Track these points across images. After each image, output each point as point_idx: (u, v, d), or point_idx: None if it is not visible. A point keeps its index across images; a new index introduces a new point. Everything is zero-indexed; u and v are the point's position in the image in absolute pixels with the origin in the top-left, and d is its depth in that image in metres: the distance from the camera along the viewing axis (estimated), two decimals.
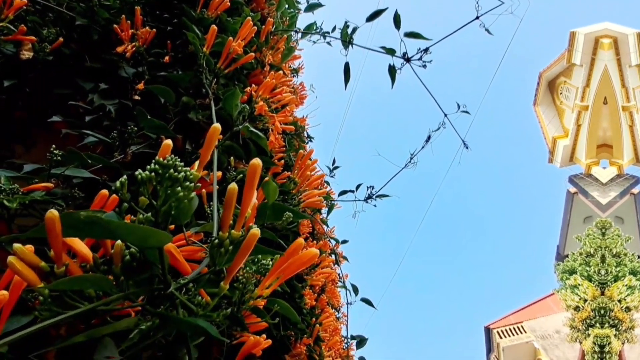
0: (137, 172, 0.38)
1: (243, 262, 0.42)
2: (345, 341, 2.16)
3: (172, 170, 0.39)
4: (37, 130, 1.21)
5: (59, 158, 0.81)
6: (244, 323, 0.46)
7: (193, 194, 0.39)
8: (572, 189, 15.21)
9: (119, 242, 0.40)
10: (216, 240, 0.42)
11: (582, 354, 10.39)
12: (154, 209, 0.39)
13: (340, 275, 2.63)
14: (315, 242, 2.18)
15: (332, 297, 2.39)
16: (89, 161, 0.80)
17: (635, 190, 14.93)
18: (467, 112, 2.13)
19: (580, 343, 9.88)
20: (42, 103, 1.18)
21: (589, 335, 9.32)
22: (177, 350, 0.67)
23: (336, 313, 2.50)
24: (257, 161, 0.43)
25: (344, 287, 2.29)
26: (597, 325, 9.19)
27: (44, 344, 0.68)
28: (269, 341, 0.92)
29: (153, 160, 0.41)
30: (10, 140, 1.19)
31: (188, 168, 0.42)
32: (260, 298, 0.52)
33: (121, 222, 0.34)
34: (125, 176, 0.39)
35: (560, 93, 16.36)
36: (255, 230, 0.40)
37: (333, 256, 2.47)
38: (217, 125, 0.46)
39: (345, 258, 2.47)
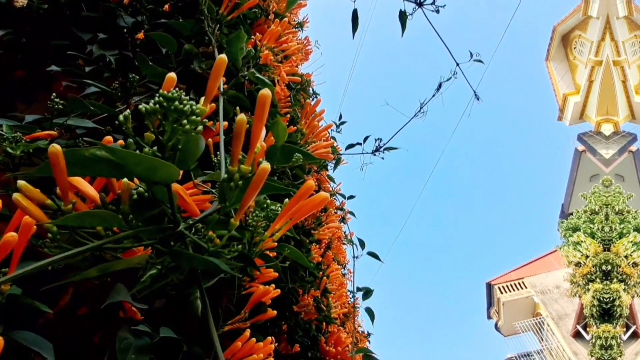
0: (141, 106, 0.36)
1: (253, 198, 0.41)
2: (352, 294, 2.21)
3: (177, 103, 0.36)
4: (37, 87, 1.18)
5: (60, 107, 0.79)
6: (255, 262, 0.45)
7: (200, 128, 0.38)
8: (581, 147, 15.02)
9: (125, 180, 0.39)
10: (226, 175, 0.40)
11: (581, 307, 10.69)
12: (160, 145, 0.38)
13: (347, 232, 2.65)
14: None
15: (338, 254, 2.43)
16: (92, 109, 0.78)
17: (633, 148, 14.72)
18: (480, 61, 2.05)
19: (580, 297, 10.13)
20: (41, 57, 1.15)
21: (588, 289, 9.53)
22: (189, 295, 0.68)
23: (342, 269, 2.54)
24: (266, 91, 0.41)
25: (351, 242, 2.32)
26: (597, 280, 9.37)
27: (57, 291, 0.68)
28: (278, 290, 0.93)
29: (157, 94, 0.39)
30: (11, 97, 1.17)
31: (193, 102, 0.39)
32: (270, 242, 0.51)
33: (128, 152, 0.33)
34: (128, 110, 0.37)
35: (574, 48, 15.80)
36: (266, 165, 0.39)
37: (340, 212, 2.48)
38: (223, 57, 0.43)
39: (352, 214, 2.48)
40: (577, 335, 12.29)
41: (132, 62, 1.16)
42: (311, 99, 2.54)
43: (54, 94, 0.80)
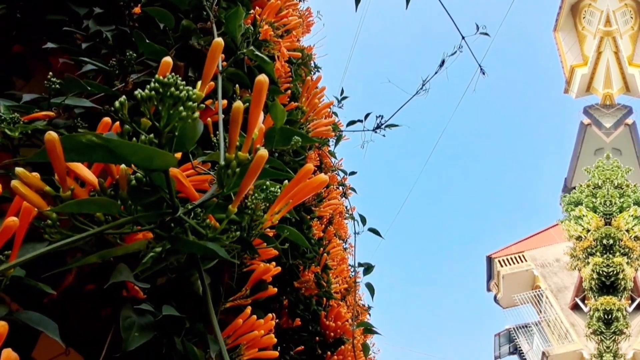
0: (136, 92, 0.36)
1: (251, 184, 0.41)
2: (353, 269, 2.24)
3: (173, 89, 0.36)
4: (35, 62, 1.16)
5: (57, 86, 0.78)
6: (254, 247, 0.46)
7: (196, 114, 0.37)
8: (586, 121, 14.82)
9: (123, 166, 0.39)
10: (223, 162, 0.40)
11: (580, 280, 10.83)
12: (157, 131, 0.37)
13: (348, 207, 2.67)
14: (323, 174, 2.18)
15: (339, 229, 2.45)
16: (89, 89, 0.77)
17: (629, 121, 14.49)
18: (486, 34, 2.00)
19: (579, 271, 10.25)
20: (37, 32, 1.13)
21: (588, 263, 9.63)
22: (190, 275, 0.69)
23: (343, 244, 2.57)
24: (263, 77, 0.40)
25: (352, 218, 2.33)
26: (598, 254, 9.46)
27: (60, 272, 0.70)
28: (279, 268, 0.95)
29: (153, 79, 0.38)
30: (9, 73, 1.15)
31: (190, 87, 0.39)
32: (269, 224, 0.51)
33: (123, 141, 0.33)
34: (124, 96, 0.37)
35: (583, 17, 15.36)
36: (263, 152, 0.39)
37: (341, 188, 2.49)
38: (219, 40, 0.43)
39: (353, 190, 2.48)
40: (575, 307, 12.52)
41: (129, 37, 1.13)
42: (312, 73, 2.50)
43: (51, 73, 0.79)
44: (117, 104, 0.36)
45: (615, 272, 8.98)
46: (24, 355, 0.76)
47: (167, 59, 0.43)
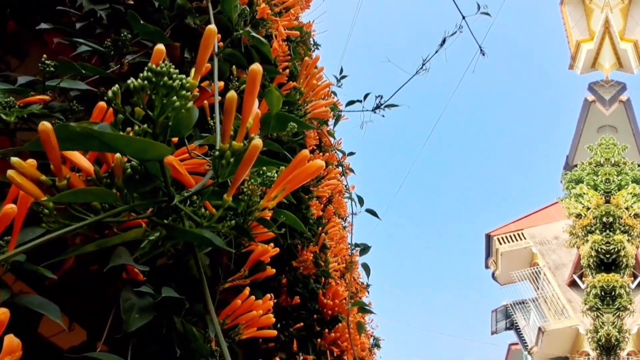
0: (129, 81, 0.36)
1: (246, 173, 0.41)
2: (352, 248, 2.27)
3: (166, 78, 0.36)
4: (30, 40, 1.15)
5: (51, 69, 0.78)
6: (250, 233, 0.46)
7: (190, 103, 0.37)
8: (590, 97, 14.63)
9: (118, 155, 0.39)
10: (217, 152, 0.40)
11: (578, 257, 10.95)
12: (150, 121, 0.38)
13: (347, 186, 2.68)
14: (322, 154, 2.18)
15: (339, 207, 2.46)
16: (83, 71, 0.76)
17: (623, 98, 14.26)
18: (487, 14, 1.96)
19: (578, 248, 10.34)
20: (31, 11, 1.11)
21: (587, 240, 9.71)
22: (189, 259, 0.70)
23: (342, 222, 2.59)
24: (256, 66, 0.40)
25: (350, 198, 2.35)
26: (597, 231, 9.52)
27: (60, 254, 0.71)
28: (277, 249, 0.96)
29: (146, 68, 0.38)
30: (3, 53, 1.14)
31: (184, 75, 0.39)
32: (266, 209, 0.52)
33: (116, 134, 0.33)
34: (117, 85, 0.37)
35: None
36: (257, 141, 0.39)
37: (340, 168, 2.49)
38: (212, 27, 0.42)
39: (351, 170, 2.49)
40: (572, 284, 12.71)
41: (124, 17, 1.11)
42: (312, 50, 2.46)
43: (45, 55, 0.78)
44: (110, 93, 0.36)
45: (616, 249, 9.06)
46: (30, 332, 0.79)
47: (160, 47, 0.43)
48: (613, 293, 8.91)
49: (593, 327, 9.31)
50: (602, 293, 9.13)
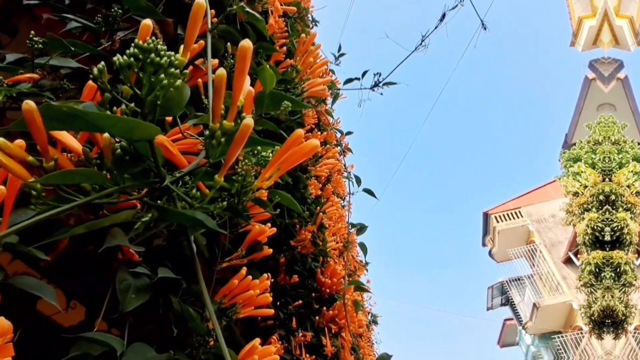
0: (115, 58, 0.34)
1: (237, 153, 0.40)
2: (350, 228, 2.28)
3: (153, 55, 0.34)
4: (20, 15, 1.11)
5: (40, 46, 0.75)
6: (243, 214, 0.46)
7: (179, 81, 0.36)
8: (591, 75, 14.46)
9: (106, 135, 0.38)
10: (207, 132, 0.39)
11: (574, 235, 11.06)
12: (139, 100, 0.36)
13: (346, 166, 2.67)
14: (320, 133, 2.17)
15: (337, 187, 2.46)
16: (72, 49, 0.74)
17: (621, 75, 14.08)
18: None
19: (574, 226, 10.44)
20: None
21: (583, 218, 9.79)
22: (184, 240, 0.70)
23: (341, 202, 2.59)
24: (246, 42, 0.39)
25: (348, 177, 2.34)
26: (593, 209, 9.58)
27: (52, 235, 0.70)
28: (274, 229, 0.96)
29: (132, 44, 0.36)
30: None
31: (172, 52, 0.37)
32: (261, 189, 0.51)
33: (102, 114, 0.32)
34: (103, 62, 0.35)
35: None
36: (248, 120, 0.38)
37: (338, 147, 2.47)
38: (200, 1, 0.40)
39: (349, 150, 2.47)
40: (567, 261, 12.87)
41: None
42: (310, 27, 2.41)
43: (33, 32, 0.75)
44: (95, 71, 0.34)
45: (619, 227, 9.14)
46: (28, 309, 0.79)
47: (147, 22, 0.41)
48: (618, 270, 9.04)
49: (586, 303, 9.49)
50: (597, 270, 9.26)
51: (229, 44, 1.01)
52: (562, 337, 11.83)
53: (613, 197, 9.33)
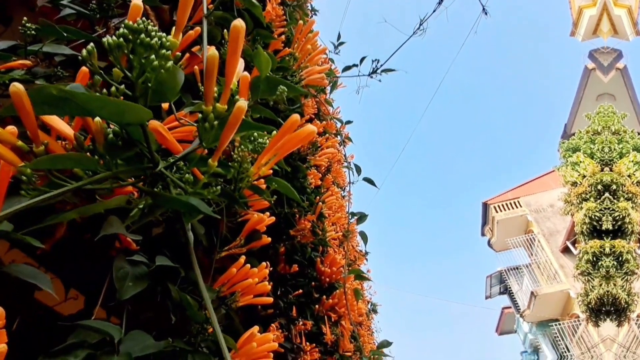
0: (104, 39, 0.33)
1: (231, 137, 0.39)
2: (350, 217, 2.28)
3: (143, 36, 0.34)
4: (15, 5, 1.10)
5: (33, 32, 0.74)
6: (238, 200, 0.45)
7: (170, 63, 0.35)
8: (590, 65, 14.38)
9: (97, 119, 0.37)
10: (200, 115, 0.38)
11: (572, 225, 11.10)
12: (130, 83, 0.35)
13: (346, 156, 2.66)
14: (320, 123, 2.15)
15: (337, 177, 2.46)
16: (65, 34, 0.73)
17: (620, 65, 13.98)
18: None
19: (572, 215, 10.47)
20: None
21: (581, 208, 9.81)
22: (180, 229, 0.69)
23: (341, 192, 2.59)
24: (238, 22, 0.38)
25: (349, 167, 2.33)
26: (591, 199, 9.60)
27: (52, 224, 0.70)
28: (272, 218, 0.95)
29: (122, 25, 0.36)
30: None
31: (163, 34, 0.36)
32: (257, 176, 0.51)
33: (91, 95, 0.31)
34: (92, 44, 0.34)
35: None
36: (242, 103, 0.37)
37: (338, 137, 2.46)
38: None
39: (349, 139, 2.46)
40: (565, 250, 12.94)
41: None
42: (310, 16, 2.38)
43: (25, 18, 0.74)
44: (84, 52, 0.33)
45: (621, 216, 9.17)
46: (26, 298, 0.79)
47: (137, 2, 0.40)
48: (620, 259, 9.09)
49: (584, 291, 9.56)
50: (594, 258, 9.31)
51: (225, 31, 1.00)
52: (559, 324, 11.94)
53: (614, 186, 9.34)
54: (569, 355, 11.62)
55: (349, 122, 2.36)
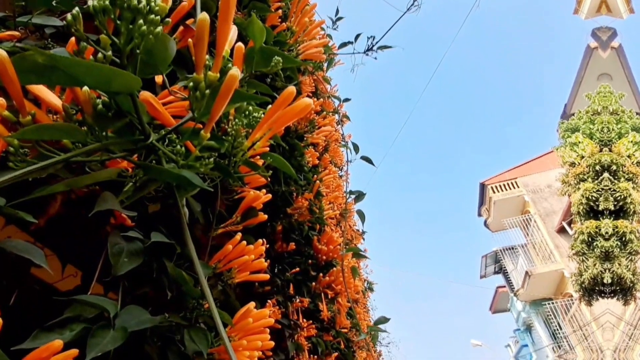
0: (89, 2, 0.32)
1: (224, 108, 0.38)
2: (348, 196, 2.28)
3: None
4: None
5: (22, 2, 0.72)
6: (232, 174, 0.44)
7: (159, 28, 0.33)
8: (593, 44, 14.17)
9: (85, 88, 0.36)
10: (191, 83, 0.37)
11: (569, 205, 11.16)
12: (118, 50, 0.34)
13: (343, 135, 2.64)
14: (317, 100, 2.13)
15: (335, 156, 2.44)
16: (54, 4, 0.70)
17: (614, 44, 13.76)
18: None
19: (569, 196, 10.51)
20: None
21: (579, 188, 9.85)
22: (176, 203, 0.69)
23: (339, 171, 2.58)
24: None
25: (346, 146, 2.32)
26: (589, 180, 9.63)
27: (46, 199, 0.69)
28: (269, 195, 0.95)
29: None
30: None
31: None
32: (252, 152, 0.50)
33: (74, 59, 0.29)
34: (77, 8, 0.33)
35: None
36: (234, 71, 0.36)
37: (336, 116, 2.44)
38: None
39: (347, 117, 2.44)
40: (561, 230, 13.05)
41: None
42: None
43: None
44: (69, 17, 0.32)
45: (622, 196, 9.22)
46: (22, 273, 0.79)
47: None
48: (624, 239, 9.19)
49: (578, 271, 9.69)
50: (589, 239, 9.40)
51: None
52: (552, 303, 12.15)
53: (614, 167, 9.35)
54: (561, 332, 11.88)
55: (347, 99, 2.33)
